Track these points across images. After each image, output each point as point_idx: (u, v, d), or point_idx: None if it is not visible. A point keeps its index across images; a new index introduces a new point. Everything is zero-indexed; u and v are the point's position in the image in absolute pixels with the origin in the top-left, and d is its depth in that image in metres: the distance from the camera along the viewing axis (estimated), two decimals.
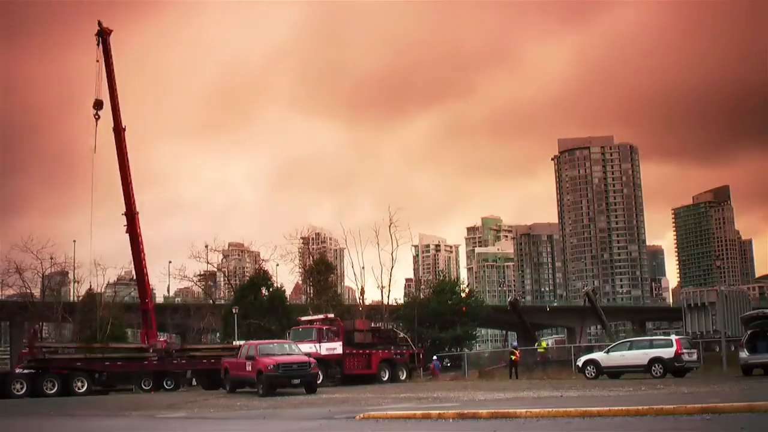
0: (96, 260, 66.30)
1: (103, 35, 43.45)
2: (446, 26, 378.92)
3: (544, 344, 60.75)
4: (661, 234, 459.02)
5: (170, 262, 78.77)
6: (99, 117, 43.37)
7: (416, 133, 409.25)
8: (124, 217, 43.82)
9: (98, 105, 42.91)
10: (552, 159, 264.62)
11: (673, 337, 36.85)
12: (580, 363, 36.36)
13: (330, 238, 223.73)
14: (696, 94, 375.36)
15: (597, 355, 36.34)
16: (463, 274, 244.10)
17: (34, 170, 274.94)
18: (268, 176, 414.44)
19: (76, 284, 76.97)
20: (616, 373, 34.36)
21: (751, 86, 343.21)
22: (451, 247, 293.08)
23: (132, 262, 45.38)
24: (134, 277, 52.57)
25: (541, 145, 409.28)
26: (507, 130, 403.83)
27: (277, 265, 73.87)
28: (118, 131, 43.75)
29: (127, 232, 43.84)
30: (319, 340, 37.15)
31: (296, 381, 29.64)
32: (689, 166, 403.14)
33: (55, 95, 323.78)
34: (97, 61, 42.89)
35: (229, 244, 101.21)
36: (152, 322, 45.14)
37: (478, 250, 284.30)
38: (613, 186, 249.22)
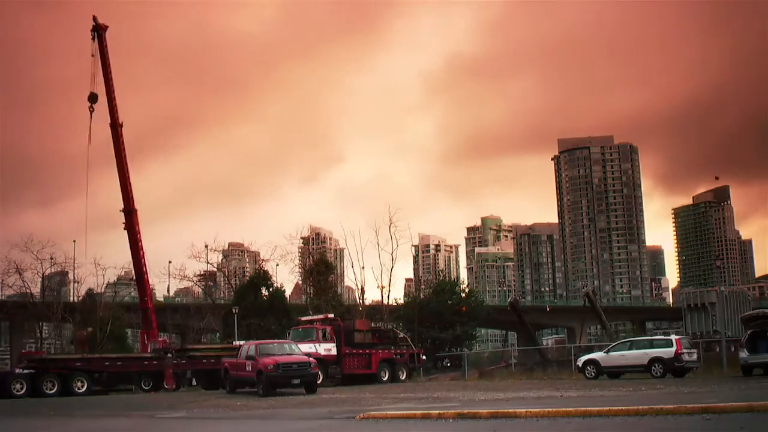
0: (96, 260, 66.50)
1: (99, 31, 43.65)
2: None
3: None
4: (661, 234, 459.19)
5: (170, 262, 78.87)
6: (93, 110, 43.68)
7: (416, 132, 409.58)
8: (123, 214, 43.94)
9: (93, 98, 43.38)
10: (552, 159, 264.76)
11: (673, 337, 36.82)
12: (580, 363, 36.34)
13: (330, 238, 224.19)
14: (696, 94, 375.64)
15: (597, 355, 36.32)
16: (463, 274, 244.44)
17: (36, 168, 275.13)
18: None
19: (76, 284, 77.04)
20: (616, 373, 34.35)
21: (752, 85, 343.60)
22: (451, 247, 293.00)
23: (131, 261, 45.43)
24: (134, 277, 52.66)
25: (541, 145, 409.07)
26: (507, 129, 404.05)
27: (277, 265, 74.01)
28: (115, 126, 43.97)
29: (125, 229, 43.89)
30: (319, 341, 37.17)
31: (296, 381, 29.61)
32: (689, 166, 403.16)
33: (55, 93, 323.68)
34: (93, 55, 43.41)
35: (229, 244, 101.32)
36: (152, 321, 45.19)
37: (478, 250, 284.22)
38: (613, 186, 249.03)
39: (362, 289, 68.49)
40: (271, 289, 67.33)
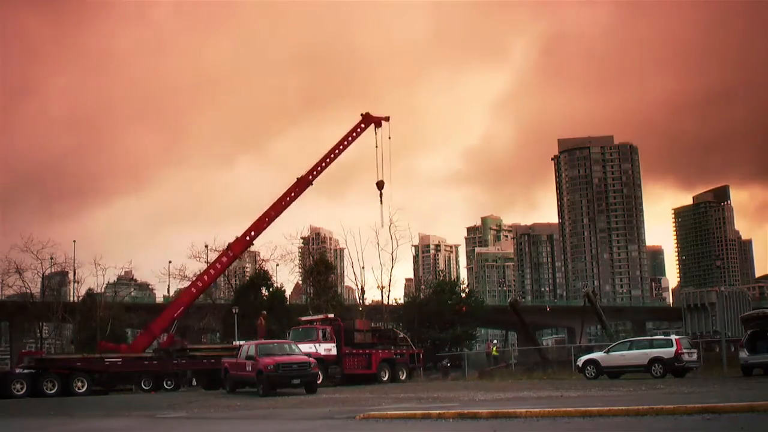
0: (96, 260, 66.55)
1: (379, 125, 47.99)
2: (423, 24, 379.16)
3: (495, 351, 60.42)
4: (661, 234, 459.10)
5: (170, 262, 78.91)
6: (382, 197, 48.17)
7: (463, 136, 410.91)
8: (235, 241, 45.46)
9: (380, 185, 47.84)
10: (552, 159, 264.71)
11: (673, 337, 36.81)
12: (580, 363, 36.34)
13: (330, 238, 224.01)
14: (697, 93, 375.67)
15: (597, 355, 36.32)
16: (463, 274, 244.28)
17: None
18: None
19: (76, 284, 77.00)
20: (616, 373, 34.35)
21: (753, 85, 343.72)
22: (451, 247, 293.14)
23: (203, 277, 46.74)
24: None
25: (541, 145, 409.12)
26: (507, 129, 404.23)
27: (277, 265, 73.85)
28: (303, 181, 46.19)
29: (229, 250, 45.57)
30: (319, 341, 37.17)
31: (296, 381, 29.62)
32: (689, 166, 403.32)
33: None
34: (376, 146, 47.68)
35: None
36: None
37: (478, 250, 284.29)
38: (613, 186, 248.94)
39: (362, 289, 68.41)
40: (271, 289, 67.33)
